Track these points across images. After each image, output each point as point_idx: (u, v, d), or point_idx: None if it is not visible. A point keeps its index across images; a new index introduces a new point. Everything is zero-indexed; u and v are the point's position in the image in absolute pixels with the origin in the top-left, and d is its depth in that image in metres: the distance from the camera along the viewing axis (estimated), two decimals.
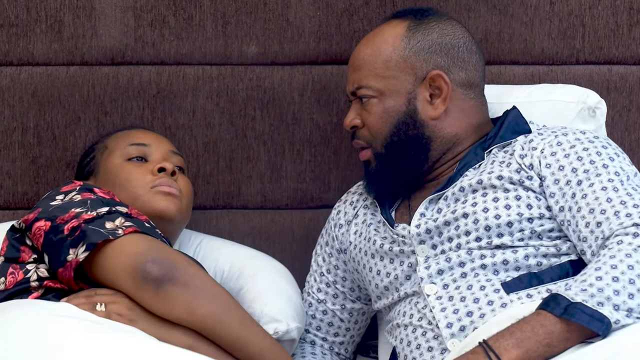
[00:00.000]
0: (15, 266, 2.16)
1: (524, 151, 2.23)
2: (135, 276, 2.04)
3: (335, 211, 2.48)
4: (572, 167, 2.17)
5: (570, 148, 2.20)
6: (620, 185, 2.12)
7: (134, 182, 2.32)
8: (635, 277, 1.95)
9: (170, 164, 2.37)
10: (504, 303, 2.10)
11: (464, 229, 2.19)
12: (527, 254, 2.15)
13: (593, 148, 2.19)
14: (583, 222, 2.11)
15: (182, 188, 2.36)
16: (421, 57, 2.30)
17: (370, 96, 2.31)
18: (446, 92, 2.29)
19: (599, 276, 1.95)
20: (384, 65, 2.31)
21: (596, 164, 2.16)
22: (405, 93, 2.30)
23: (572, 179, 2.16)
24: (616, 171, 2.15)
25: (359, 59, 2.35)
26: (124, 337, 1.92)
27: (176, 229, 2.39)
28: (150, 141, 2.41)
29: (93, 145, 2.47)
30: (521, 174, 2.20)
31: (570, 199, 2.14)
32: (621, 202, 2.08)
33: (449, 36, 2.31)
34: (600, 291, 1.93)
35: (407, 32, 2.31)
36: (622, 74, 2.66)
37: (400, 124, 2.29)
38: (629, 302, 1.93)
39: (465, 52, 2.32)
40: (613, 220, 2.06)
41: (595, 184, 2.13)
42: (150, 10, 2.63)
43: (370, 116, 2.32)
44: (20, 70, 2.63)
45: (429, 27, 2.31)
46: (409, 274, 2.25)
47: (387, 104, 2.30)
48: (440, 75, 2.29)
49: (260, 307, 2.34)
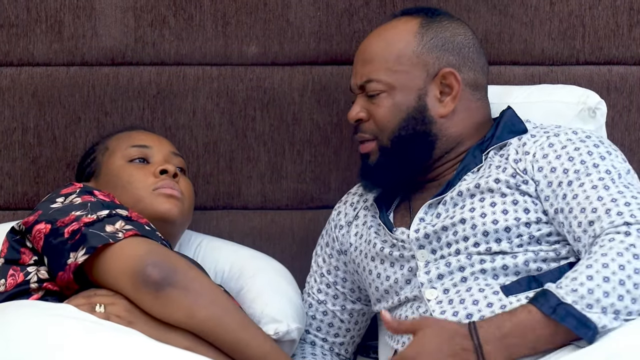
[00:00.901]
0: (15, 268, 2.16)
1: (518, 155, 2.23)
2: (135, 279, 2.04)
3: (336, 212, 2.48)
4: (563, 168, 2.17)
5: (562, 149, 2.20)
6: (612, 183, 2.11)
7: (136, 184, 2.32)
8: (626, 277, 1.95)
9: (172, 166, 2.37)
10: (503, 305, 2.11)
11: (462, 235, 2.19)
12: (527, 259, 2.15)
13: (584, 147, 2.19)
14: (575, 222, 2.11)
15: (183, 190, 2.36)
16: (434, 54, 2.29)
17: (380, 90, 2.30)
18: (457, 90, 2.28)
19: (590, 275, 1.95)
20: (397, 59, 2.29)
21: (587, 163, 2.15)
22: (416, 89, 2.29)
23: (563, 180, 2.15)
24: (607, 169, 2.14)
25: (369, 52, 2.33)
26: (123, 338, 1.93)
27: (178, 231, 2.39)
28: (151, 143, 2.41)
29: (93, 146, 2.46)
30: (517, 178, 2.20)
31: (562, 200, 2.14)
32: (612, 200, 2.08)
33: (460, 36, 2.31)
34: (590, 292, 1.93)
35: (421, 29, 2.31)
36: (622, 75, 2.66)
37: (409, 118, 2.28)
38: (617, 304, 1.93)
39: (475, 53, 2.32)
40: (604, 219, 2.06)
41: (585, 183, 2.12)
42: (150, 11, 2.63)
43: (378, 109, 2.30)
44: (20, 71, 2.63)
45: (442, 25, 2.31)
46: (409, 278, 2.25)
47: (397, 99, 2.29)
48: (452, 73, 2.28)
49: (261, 307, 2.34)
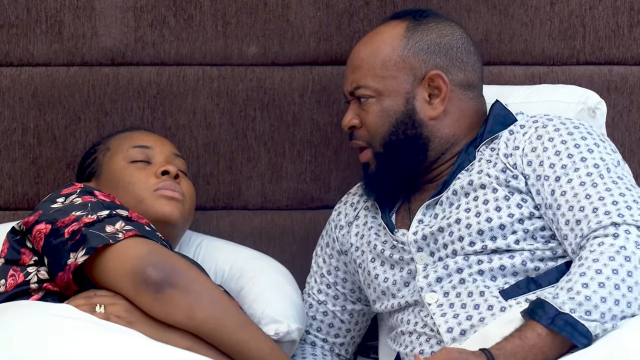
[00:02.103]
0: (15, 268, 2.16)
1: (508, 150, 2.23)
2: (135, 280, 2.04)
3: (336, 212, 2.48)
4: (550, 162, 2.16)
5: (549, 141, 2.19)
6: (600, 180, 2.11)
7: (138, 185, 2.32)
8: (620, 281, 1.95)
9: (174, 167, 2.36)
10: (503, 307, 2.11)
11: (458, 235, 2.19)
12: (524, 259, 2.15)
13: (571, 140, 2.18)
14: (563, 220, 2.10)
15: (184, 191, 2.36)
16: (420, 57, 2.29)
17: (369, 96, 2.30)
18: (445, 92, 2.29)
19: (585, 283, 1.95)
20: (383, 65, 2.30)
21: (574, 157, 2.15)
22: (403, 93, 2.29)
23: (550, 175, 2.15)
24: (595, 163, 2.13)
25: (357, 59, 2.34)
26: (123, 338, 1.93)
27: (178, 232, 2.39)
28: (152, 143, 2.40)
29: (94, 147, 2.46)
30: (507, 173, 2.20)
31: (550, 196, 2.14)
32: (599, 199, 2.07)
33: (447, 37, 2.31)
34: (587, 299, 1.93)
35: (406, 33, 2.31)
36: (622, 75, 2.66)
37: (398, 123, 2.29)
38: (614, 308, 1.94)
39: (464, 53, 2.32)
40: (592, 219, 2.05)
41: (573, 179, 2.12)
42: (150, 11, 2.63)
43: (368, 116, 2.31)
44: (20, 71, 2.63)
45: (428, 28, 2.31)
46: (407, 281, 2.25)
47: (386, 104, 2.30)
48: (439, 75, 2.28)
49: (261, 308, 2.34)
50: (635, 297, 1.95)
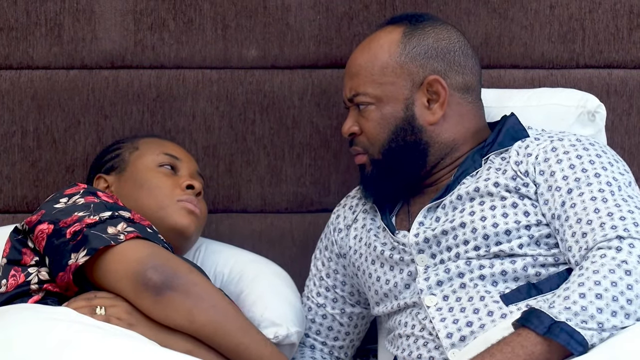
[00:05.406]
0: (17, 269, 2.16)
1: (519, 157, 2.23)
2: (136, 282, 2.04)
3: (335, 215, 2.48)
4: (563, 174, 2.17)
5: (564, 154, 2.19)
6: (610, 196, 2.11)
7: (164, 191, 2.34)
8: (618, 294, 1.95)
9: (200, 183, 2.40)
10: (503, 314, 2.11)
11: (462, 238, 2.19)
12: (526, 264, 2.15)
13: (587, 156, 2.18)
14: (570, 232, 2.10)
15: (201, 210, 2.39)
16: (417, 62, 2.29)
17: (368, 103, 2.30)
18: (444, 96, 2.29)
19: (582, 293, 1.95)
20: (381, 71, 2.30)
21: (588, 172, 2.15)
22: (402, 99, 2.29)
23: (562, 187, 2.15)
24: (608, 181, 2.14)
25: (355, 66, 2.34)
26: (124, 341, 1.93)
27: (187, 246, 2.40)
28: (181, 156, 2.44)
29: (119, 144, 2.46)
30: (517, 181, 2.20)
31: (560, 207, 2.14)
32: (608, 214, 2.07)
33: (444, 41, 2.31)
34: (584, 309, 1.93)
35: (403, 38, 2.31)
36: (622, 78, 2.66)
37: (398, 130, 2.29)
38: (611, 320, 1.93)
39: (462, 57, 2.32)
40: (598, 232, 2.06)
41: (585, 193, 2.12)
42: (150, 14, 2.63)
43: (367, 123, 2.31)
44: (20, 74, 2.63)
45: (425, 33, 2.31)
46: (408, 283, 2.25)
47: (385, 111, 2.30)
48: (437, 80, 2.28)
49: (261, 311, 2.34)
50: (634, 310, 1.95)
